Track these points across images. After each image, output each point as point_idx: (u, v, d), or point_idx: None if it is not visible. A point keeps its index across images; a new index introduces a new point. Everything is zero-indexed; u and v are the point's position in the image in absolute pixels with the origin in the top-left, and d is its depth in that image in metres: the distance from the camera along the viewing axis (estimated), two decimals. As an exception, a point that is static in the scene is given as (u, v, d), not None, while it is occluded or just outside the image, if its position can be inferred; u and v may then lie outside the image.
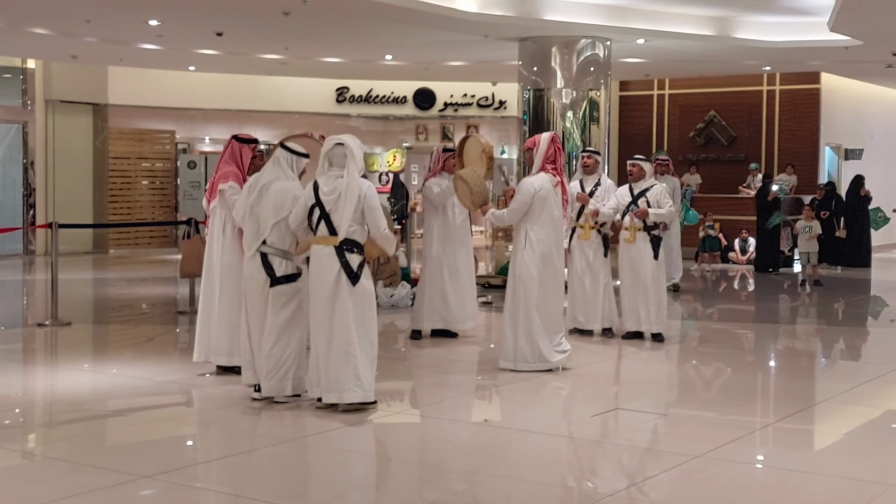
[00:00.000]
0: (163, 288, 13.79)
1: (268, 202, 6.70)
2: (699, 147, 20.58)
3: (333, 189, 6.50)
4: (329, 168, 6.58)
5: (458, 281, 9.41)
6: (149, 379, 7.72)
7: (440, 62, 17.73)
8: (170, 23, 13.71)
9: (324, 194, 6.52)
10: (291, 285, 6.71)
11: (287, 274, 6.71)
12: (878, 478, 5.36)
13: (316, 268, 6.55)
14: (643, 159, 9.67)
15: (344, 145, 6.56)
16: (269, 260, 6.70)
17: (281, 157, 6.84)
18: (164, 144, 20.35)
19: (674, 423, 6.76)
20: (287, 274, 6.71)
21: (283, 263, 6.72)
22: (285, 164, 6.82)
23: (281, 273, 6.70)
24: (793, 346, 10.15)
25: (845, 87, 20.27)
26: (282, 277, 6.69)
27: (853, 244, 16.92)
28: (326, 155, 6.59)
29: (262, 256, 6.70)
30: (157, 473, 5.31)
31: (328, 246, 6.51)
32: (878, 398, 7.61)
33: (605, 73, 14.39)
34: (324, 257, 6.52)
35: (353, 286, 6.50)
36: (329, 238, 6.51)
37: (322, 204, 6.51)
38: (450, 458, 5.92)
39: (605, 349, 9.24)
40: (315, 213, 6.55)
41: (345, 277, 6.48)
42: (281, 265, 6.71)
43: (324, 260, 6.52)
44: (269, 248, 6.71)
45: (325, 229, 6.52)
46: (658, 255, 9.43)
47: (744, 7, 14.01)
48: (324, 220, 6.52)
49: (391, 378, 8.07)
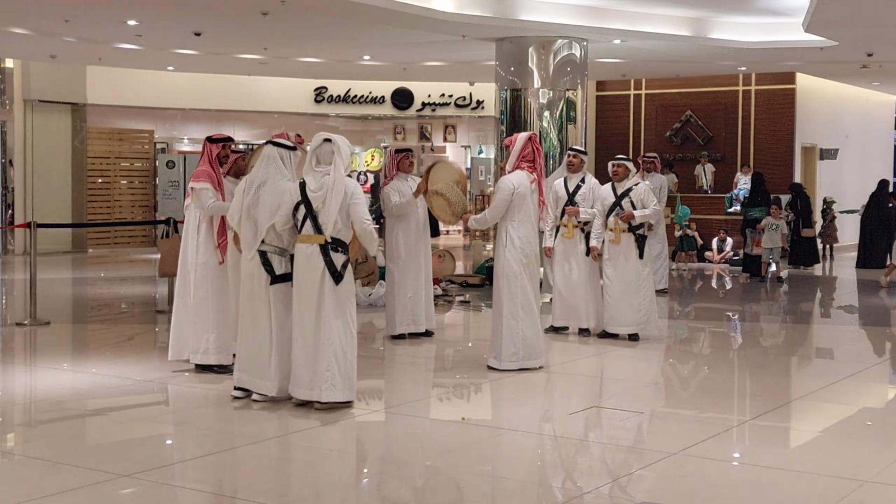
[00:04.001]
0: (142, 287, 13.76)
1: (264, 204, 6.67)
2: (676, 147, 20.70)
3: (320, 186, 6.50)
4: (317, 165, 6.58)
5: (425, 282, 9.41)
6: (128, 378, 7.72)
7: (418, 62, 17.76)
8: (148, 22, 13.67)
9: (311, 192, 6.51)
10: (290, 284, 6.69)
11: (286, 272, 6.71)
12: (852, 474, 5.43)
13: (300, 266, 6.56)
14: (626, 159, 9.69)
15: (332, 142, 6.57)
16: (268, 258, 6.69)
17: (274, 155, 6.80)
18: (142, 144, 20.28)
19: (652, 421, 6.81)
20: (286, 272, 6.71)
21: (282, 262, 6.71)
22: (279, 161, 6.77)
23: (280, 272, 6.69)
24: (768, 344, 10.24)
25: (820, 87, 20.44)
26: (280, 276, 6.69)
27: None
28: (314, 152, 6.59)
29: (262, 255, 6.70)
30: (137, 472, 5.31)
31: (313, 244, 6.53)
32: (853, 395, 7.70)
33: (581, 74, 14.45)
34: (308, 256, 6.53)
35: (337, 285, 6.52)
36: (314, 237, 6.52)
37: (309, 202, 6.52)
38: (429, 456, 5.95)
39: (584, 348, 9.29)
40: (301, 211, 6.56)
41: (328, 277, 6.50)
42: (280, 264, 6.70)
43: (308, 259, 6.53)
44: (267, 246, 6.70)
45: (311, 227, 6.54)
46: (643, 254, 9.48)
47: (719, 8, 14.10)
48: (310, 219, 6.53)
49: (370, 377, 8.09)
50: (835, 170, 20.77)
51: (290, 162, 6.82)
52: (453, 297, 12.27)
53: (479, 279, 13.50)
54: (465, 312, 11.64)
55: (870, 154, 22.77)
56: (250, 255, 6.73)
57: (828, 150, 20.91)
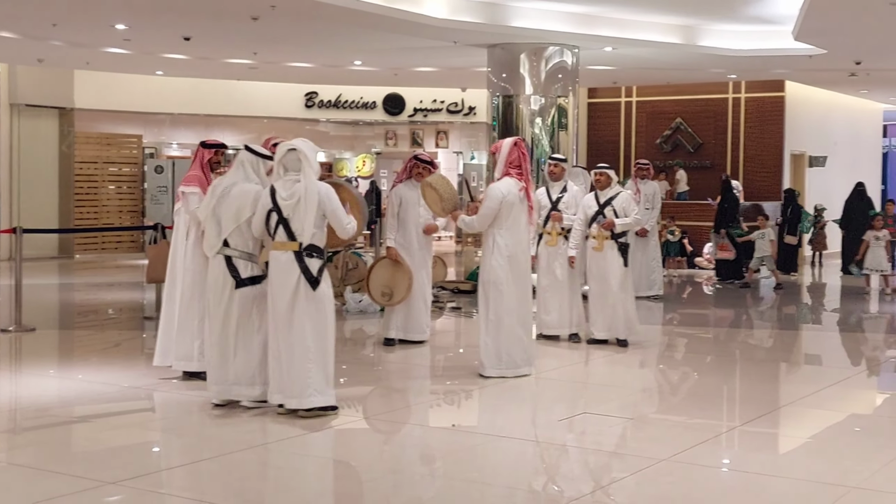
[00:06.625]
0: (129, 293, 13.69)
1: (230, 205, 6.70)
2: (666, 154, 20.73)
3: (292, 194, 6.50)
4: (285, 173, 6.58)
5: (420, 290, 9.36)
6: (115, 384, 7.67)
7: (410, 68, 17.76)
8: (137, 27, 13.64)
9: (281, 199, 6.51)
10: (256, 287, 6.70)
11: (252, 276, 6.71)
12: (841, 480, 5.43)
13: (275, 273, 6.55)
14: (608, 167, 9.75)
15: (297, 150, 6.56)
16: (233, 263, 6.69)
17: (245, 160, 6.85)
18: (131, 149, 20.22)
19: (640, 427, 6.80)
20: (252, 276, 6.71)
21: (247, 266, 6.71)
22: (248, 167, 6.83)
23: (246, 275, 6.69)
24: (757, 351, 10.25)
25: (809, 95, 20.50)
26: (247, 279, 6.69)
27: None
28: (281, 161, 6.60)
29: (227, 259, 6.70)
30: (123, 479, 5.27)
31: (287, 251, 6.51)
32: (841, 401, 7.71)
33: (573, 80, 14.48)
34: (283, 263, 6.52)
35: (314, 291, 6.50)
36: (288, 243, 6.51)
37: (280, 209, 6.51)
38: (417, 463, 5.93)
39: (573, 354, 9.29)
40: (273, 219, 6.55)
41: (304, 283, 6.48)
42: (246, 268, 6.71)
43: (283, 265, 6.51)
44: (233, 250, 6.70)
45: (284, 234, 6.53)
46: (627, 261, 9.50)
47: (709, 16, 14.15)
48: (282, 225, 6.52)
49: (359, 384, 8.07)
50: (824, 177, 20.82)
51: (260, 169, 6.85)
52: (445, 304, 12.25)
53: (470, 285, 13.46)
54: (456, 319, 11.62)
55: (858, 161, 22.84)
56: (212, 255, 6.74)
57: (817, 157, 20.97)
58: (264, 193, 6.61)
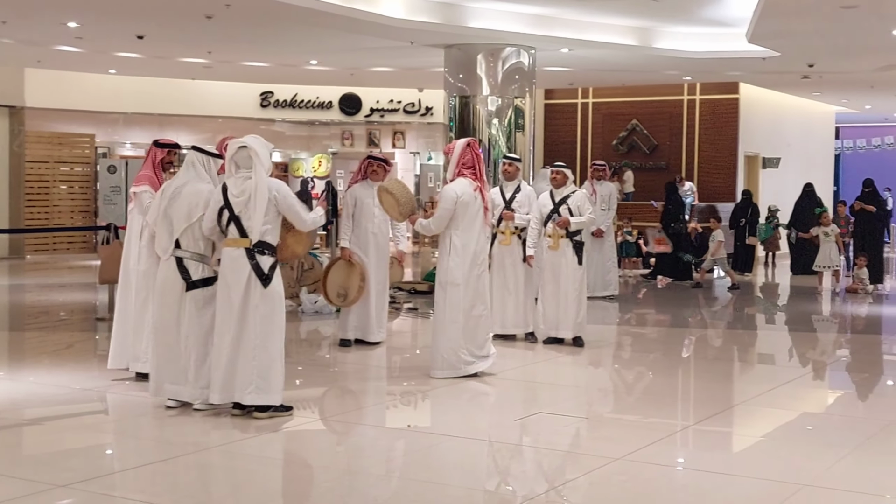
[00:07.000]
0: (82, 294, 13.52)
1: (181, 205, 6.66)
2: (622, 155, 20.87)
3: (243, 191, 6.47)
4: (237, 171, 6.55)
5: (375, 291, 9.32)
6: (66, 387, 7.58)
7: (366, 68, 17.72)
8: (89, 25, 13.47)
9: (233, 196, 6.48)
10: (208, 289, 6.64)
11: (204, 277, 6.65)
12: (793, 478, 5.48)
13: (226, 270, 6.50)
14: (564, 166, 9.79)
15: (248, 147, 6.52)
16: (184, 264, 6.63)
17: (195, 160, 6.82)
18: (83, 148, 19.97)
19: (595, 427, 6.83)
20: (204, 277, 6.65)
21: (199, 267, 6.66)
22: (199, 166, 6.80)
23: (197, 277, 6.64)
24: (711, 350, 10.34)
25: (763, 97, 20.75)
26: (198, 281, 6.63)
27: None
28: (232, 159, 6.57)
29: (178, 261, 6.64)
30: (74, 482, 5.20)
31: (239, 248, 6.47)
32: (793, 400, 7.79)
33: (529, 81, 14.53)
34: (234, 259, 6.48)
35: (265, 288, 6.46)
36: (240, 240, 6.48)
37: (231, 206, 6.48)
38: (372, 464, 5.91)
39: (528, 354, 9.31)
40: (224, 216, 6.51)
41: (255, 280, 6.44)
42: (197, 269, 6.65)
43: (234, 262, 6.47)
44: (184, 252, 6.65)
45: (236, 231, 6.49)
46: (581, 260, 9.54)
47: (665, 18, 14.26)
48: (234, 222, 6.48)
49: (315, 385, 8.03)
50: (777, 178, 21.08)
51: (211, 168, 6.84)
52: (401, 305, 12.23)
53: (427, 286, 13.45)
54: (413, 319, 11.61)
55: (811, 163, 23.15)
56: (166, 257, 6.68)
57: (770, 158, 21.23)
58: (216, 191, 6.57)
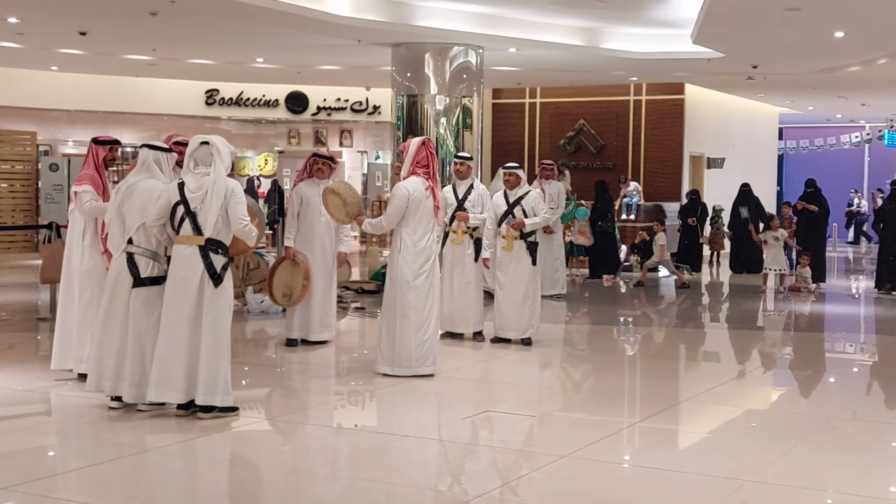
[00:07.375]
0: (23, 294, 13.29)
1: (134, 202, 6.59)
2: (569, 155, 20.98)
3: (200, 186, 6.41)
4: (195, 167, 6.48)
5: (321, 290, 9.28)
6: (7, 388, 7.45)
7: (313, 66, 17.63)
8: (30, 20, 13.24)
9: (189, 192, 6.41)
10: (155, 288, 6.56)
11: (152, 276, 6.56)
12: (736, 474, 5.55)
13: (177, 267, 6.42)
14: (517, 167, 9.79)
15: (210, 144, 6.47)
16: (134, 260, 6.55)
17: (148, 158, 6.75)
18: (24, 146, 19.56)
19: (543, 425, 6.87)
20: (152, 276, 6.56)
21: (149, 265, 6.57)
22: (153, 164, 6.74)
23: (146, 274, 6.55)
24: (657, 348, 10.43)
25: (708, 97, 21.00)
26: (146, 279, 6.54)
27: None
28: (192, 155, 6.51)
29: (129, 256, 6.55)
30: (16, 485, 5.12)
31: (192, 245, 6.40)
32: (738, 397, 7.89)
33: (477, 81, 14.55)
34: (187, 257, 6.40)
35: (216, 288, 6.40)
36: (193, 238, 6.41)
37: (187, 202, 6.40)
38: (320, 464, 5.88)
39: (476, 353, 9.32)
40: (179, 212, 6.44)
41: (207, 278, 6.37)
42: (147, 266, 6.56)
43: (186, 260, 6.40)
44: (136, 248, 6.56)
45: (190, 228, 6.41)
46: (535, 261, 9.57)
47: (612, 19, 14.36)
48: (188, 219, 6.41)
49: (261, 385, 7.97)
50: (722, 178, 21.33)
51: (166, 164, 6.79)
52: (349, 304, 12.18)
53: (374, 285, 13.42)
54: (360, 319, 11.57)
55: (755, 163, 23.48)
56: (117, 254, 6.62)
57: (715, 158, 21.48)
58: (171, 187, 6.50)
